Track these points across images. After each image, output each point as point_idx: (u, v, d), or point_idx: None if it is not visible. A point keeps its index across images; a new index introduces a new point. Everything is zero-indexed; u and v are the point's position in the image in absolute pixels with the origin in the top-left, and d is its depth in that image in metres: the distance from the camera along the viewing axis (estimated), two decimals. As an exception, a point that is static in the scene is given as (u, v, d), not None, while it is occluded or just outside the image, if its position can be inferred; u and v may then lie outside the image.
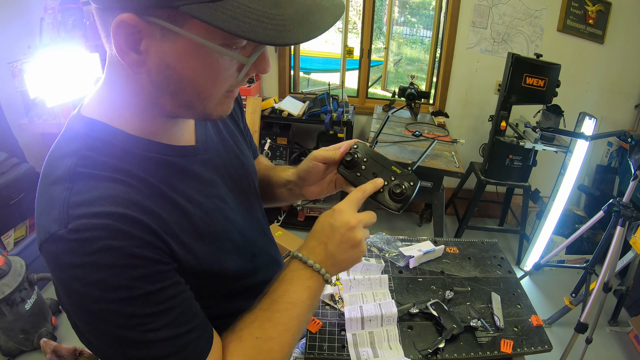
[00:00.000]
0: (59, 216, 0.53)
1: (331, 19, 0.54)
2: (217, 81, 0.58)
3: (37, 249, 0.56)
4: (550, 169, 3.25)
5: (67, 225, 0.52)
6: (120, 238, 0.54)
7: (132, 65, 0.54)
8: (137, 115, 0.63)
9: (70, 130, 0.63)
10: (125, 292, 0.54)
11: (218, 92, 0.60)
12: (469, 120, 3.50)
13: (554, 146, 2.69)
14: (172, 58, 0.54)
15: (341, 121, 2.97)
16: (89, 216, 0.53)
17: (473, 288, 1.39)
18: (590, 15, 3.10)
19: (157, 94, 0.59)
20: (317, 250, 0.72)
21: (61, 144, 0.62)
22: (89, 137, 0.61)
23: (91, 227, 0.53)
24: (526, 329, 1.26)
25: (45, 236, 0.54)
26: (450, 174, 2.45)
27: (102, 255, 0.52)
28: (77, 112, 0.65)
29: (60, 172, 0.58)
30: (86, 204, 0.54)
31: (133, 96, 0.61)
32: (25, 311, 2.12)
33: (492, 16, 3.12)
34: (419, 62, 7.59)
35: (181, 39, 0.52)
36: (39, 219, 0.57)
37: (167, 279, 0.59)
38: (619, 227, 1.99)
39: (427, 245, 1.53)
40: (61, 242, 0.53)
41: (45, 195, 0.58)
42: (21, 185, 2.49)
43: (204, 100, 0.60)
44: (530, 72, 2.54)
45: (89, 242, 0.52)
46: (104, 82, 0.64)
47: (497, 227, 3.54)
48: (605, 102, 3.34)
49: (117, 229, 0.53)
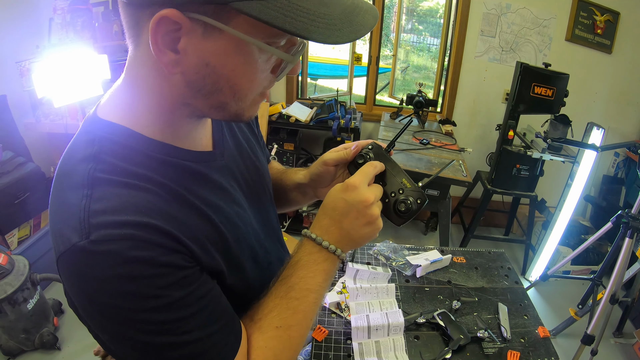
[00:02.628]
0: (79, 226, 0.51)
1: (372, 19, 0.54)
2: (255, 81, 0.57)
3: (40, 249, 0.55)
4: (556, 179, 3.24)
5: (88, 236, 0.50)
6: (146, 248, 0.52)
7: (169, 64, 0.52)
8: (159, 118, 0.61)
9: (87, 132, 0.61)
10: (154, 301, 0.52)
11: (253, 93, 0.59)
12: (476, 129, 3.49)
13: (561, 156, 2.68)
14: (212, 56, 0.52)
15: (349, 128, 2.96)
16: (111, 226, 0.51)
17: (480, 298, 1.38)
18: (599, 25, 3.09)
19: (190, 94, 0.57)
20: (332, 229, 0.69)
21: (78, 147, 0.59)
22: (108, 141, 0.58)
23: (115, 237, 0.50)
24: (533, 340, 1.24)
25: (65, 247, 0.51)
26: (458, 182, 2.43)
27: (128, 268, 0.50)
28: (93, 114, 0.63)
29: (77, 178, 0.55)
30: (108, 212, 0.52)
31: (158, 97, 0.58)
32: (27, 311, 2.12)
33: (501, 25, 3.12)
34: (425, 70, 7.60)
35: (224, 36, 0.50)
36: (55, 226, 0.54)
37: (195, 281, 0.57)
38: (628, 239, 1.97)
39: (434, 255, 1.52)
40: (83, 254, 0.50)
41: (61, 202, 0.55)
42: (26, 185, 2.49)
43: (238, 101, 0.58)
44: (538, 81, 2.53)
45: (113, 255, 0.50)
46: (124, 83, 0.61)
47: (503, 236, 3.52)
48: (613, 113, 3.32)
49: (141, 238, 0.52)
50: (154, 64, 0.55)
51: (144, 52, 0.54)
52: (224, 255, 0.65)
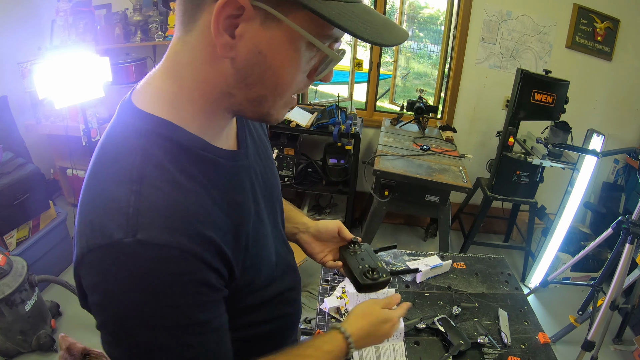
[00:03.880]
0: (125, 223, 0.50)
1: (405, 34, 0.59)
2: (295, 78, 0.59)
3: (39, 250, 0.54)
4: (556, 185, 3.23)
5: (135, 235, 0.49)
6: (189, 261, 0.53)
7: (224, 47, 0.54)
8: (200, 111, 0.61)
9: (129, 123, 0.59)
10: (180, 317, 0.53)
11: (290, 91, 0.61)
12: (476, 135, 3.49)
13: (561, 163, 2.68)
14: (266, 46, 0.54)
15: (349, 133, 2.96)
16: (160, 229, 0.51)
17: (480, 304, 1.38)
18: (599, 32, 3.10)
19: (234, 83, 0.58)
20: (364, 336, 0.83)
21: (121, 138, 0.58)
22: (155, 135, 0.58)
23: (162, 242, 0.51)
24: (533, 346, 1.24)
25: (104, 241, 0.50)
26: (458, 188, 2.43)
27: (169, 278, 0.51)
28: (128, 101, 0.62)
29: (124, 171, 0.54)
30: (158, 214, 0.52)
31: (202, 85, 0.59)
32: (24, 312, 2.11)
33: (502, 32, 3.13)
34: (426, 77, 7.60)
35: (281, 27, 0.53)
36: (90, 217, 0.53)
37: (217, 308, 0.59)
38: (628, 245, 1.97)
39: (435, 260, 1.51)
40: (126, 252, 0.50)
41: (102, 193, 0.54)
42: (25, 186, 2.48)
43: (276, 97, 0.60)
44: (539, 88, 2.54)
45: (157, 260, 0.50)
46: (164, 71, 0.61)
47: (502, 243, 3.51)
48: (612, 120, 3.32)
49: (187, 249, 0.52)
50: (205, 48, 0.56)
51: (197, 36, 0.56)
52: (249, 256, 0.67)
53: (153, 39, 3.25)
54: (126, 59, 3.14)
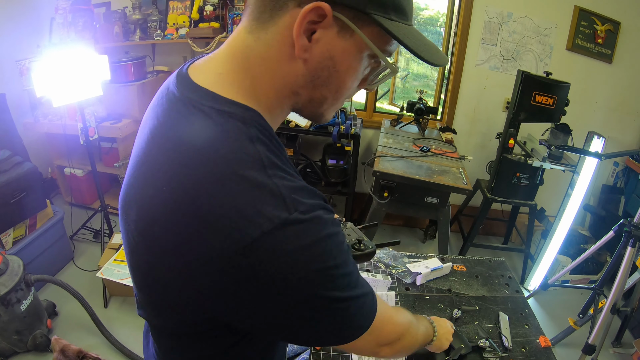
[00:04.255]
0: (283, 202, 0.53)
1: (446, 58, 0.70)
2: (353, 85, 0.66)
3: (36, 249, 0.52)
4: (556, 188, 3.23)
5: (297, 209, 0.54)
6: (329, 212, 0.59)
7: (301, 48, 0.58)
8: (270, 107, 0.64)
9: (226, 112, 0.58)
10: (344, 255, 0.59)
11: (346, 95, 0.67)
12: (476, 137, 3.48)
13: (561, 165, 2.67)
14: (337, 53, 0.60)
15: (349, 134, 2.94)
16: (307, 197, 0.56)
17: (481, 307, 1.36)
18: (599, 34, 3.10)
19: (303, 82, 0.62)
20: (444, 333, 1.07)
21: (232, 126, 0.57)
22: (257, 124, 0.60)
23: (316, 206, 0.56)
24: (534, 350, 1.23)
25: (272, 224, 0.52)
26: (458, 190, 2.42)
27: (331, 227, 0.57)
28: (207, 91, 0.60)
29: (253, 159, 0.55)
30: (299, 191, 0.56)
31: (273, 81, 0.62)
32: (20, 312, 2.09)
33: (502, 33, 3.12)
34: (425, 78, 7.59)
35: (354, 39, 0.59)
36: (235, 209, 0.52)
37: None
38: (630, 248, 1.95)
39: (435, 262, 1.50)
40: (300, 224, 0.53)
41: (241, 184, 0.53)
42: (23, 185, 2.46)
43: (334, 99, 0.66)
44: (539, 90, 2.53)
45: (318, 219, 0.55)
46: (234, 63, 0.62)
47: (502, 245, 3.50)
48: (612, 122, 3.32)
49: (325, 207, 0.59)
50: (283, 47, 0.59)
51: (275, 35, 0.59)
52: None
53: (152, 38, 3.24)
54: (125, 57, 3.12)
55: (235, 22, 3.16)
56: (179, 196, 0.54)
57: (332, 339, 0.64)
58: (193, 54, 3.40)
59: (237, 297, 0.55)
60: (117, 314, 2.51)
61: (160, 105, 0.64)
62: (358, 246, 0.99)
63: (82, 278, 2.77)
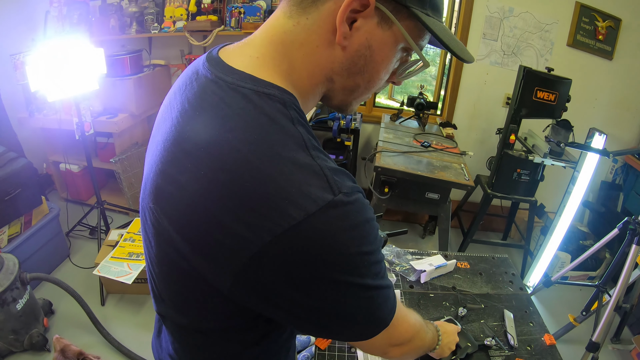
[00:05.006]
0: (327, 184, 0.53)
1: (472, 56, 0.68)
2: (385, 76, 0.67)
3: (31, 247, 0.48)
4: (555, 184, 3.22)
5: (341, 190, 0.53)
6: (364, 195, 0.59)
7: (341, 35, 0.58)
8: (305, 92, 0.64)
9: (264, 94, 0.57)
10: (378, 241, 0.59)
11: (377, 86, 0.68)
12: (476, 132, 3.46)
13: (562, 161, 2.65)
14: (376, 42, 0.61)
15: (349, 129, 2.92)
16: (347, 180, 0.56)
17: (486, 305, 1.35)
18: (600, 31, 3.08)
19: (340, 69, 0.63)
20: (448, 340, 1.06)
21: (272, 107, 0.56)
22: (295, 106, 0.59)
23: (355, 190, 0.56)
24: (539, 348, 1.21)
25: (318, 206, 0.51)
26: (460, 186, 2.40)
27: (370, 211, 0.57)
28: (242, 73, 0.59)
29: (295, 140, 0.55)
30: (340, 173, 0.56)
31: (311, 66, 0.62)
32: (16, 311, 2.06)
33: (503, 29, 3.10)
34: (425, 73, 7.59)
35: (392, 30, 0.60)
36: (285, 192, 0.50)
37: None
38: (635, 246, 1.93)
39: (439, 260, 1.48)
40: (343, 206, 0.53)
41: (286, 165, 0.52)
42: (17, 181, 2.42)
43: (365, 89, 0.67)
44: (541, 85, 2.51)
45: (361, 202, 0.56)
46: (271, 46, 0.61)
47: (501, 241, 3.49)
48: (612, 119, 3.31)
49: (361, 190, 0.59)
50: (324, 33, 0.60)
51: (316, 20, 0.59)
52: None
53: (149, 31, 3.19)
54: (121, 51, 3.08)
55: (233, 15, 3.12)
56: (219, 178, 0.52)
57: (353, 331, 0.63)
58: (190, 48, 3.36)
59: (273, 282, 0.53)
60: (115, 311, 2.49)
61: (190, 89, 0.62)
62: None
63: (78, 275, 2.74)
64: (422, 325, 0.88)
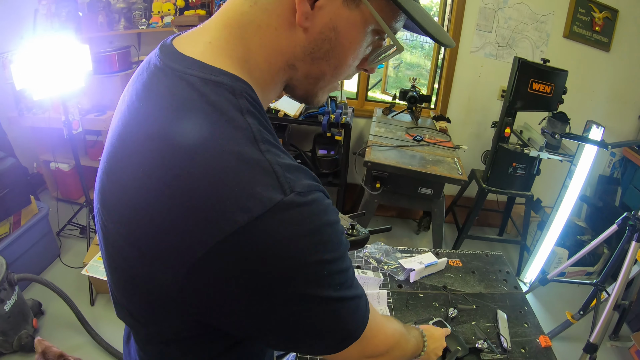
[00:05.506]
0: (277, 182, 0.47)
1: (452, 41, 0.63)
2: (354, 62, 0.61)
3: (19, 248, 0.44)
4: (552, 178, 3.18)
5: (293, 189, 0.47)
6: (327, 197, 0.53)
7: (302, 15, 0.53)
8: (263, 81, 0.58)
9: (212, 81, 0.51)
10: (343, 248, 0.54)
11: (344, 74, 0.62)
12: (471, 126, 3.42)
13: (559, 155, 2.61)
14: (342, 23, 0.56)
15: (339, 123, 2.87)
16: (304, 177, 0.50)
17: (478, 305, 1.31)
18: (597, 22, 3.03)
19: (302, 54, 0.57)
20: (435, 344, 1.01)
21: (220, 96, 0.50)
22: (248, 95, 0.53)
23: (314, 188, 0.50)
24: (534, 350, 1.17)
25: (265, 207, 0.45)
26: (453, 181, 2.36)
27: (331, 215, 0.51)
28: (192, 60, 0.54)
29: (243, 132, 0.49)
30: (295, 170, 0.50)
31: (269, 52, 0.56)
32: (4, 312, 2.03)
33: (498, 20, 3.05)
34: (418, 67, 7.54)
35: (359, 10, 0.55)
36: (223, 191, 0.45)
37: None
38: (634, 242, 1.88)
39: (429, 258, 1.44)
40: (299, 207, 0.47)
41: (228, 158, 0.46)
42: (5, 180, 2.38)
43: (332, 77, 0.61)
44: (536, 77, 2.47)
45: (318, 203, 0.50)
46: (227, 33, 0.56)
47: (497, 237, 3.46)
48: (609, 111, 3.27)
49: (322, 189, 0.53)
50: (282, 13, 0.55)
51: (274, 0, 0.54)
52: None
53: (137, 27, 3.14)
54: (109, 47, 3.03)
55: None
56: (159, 177, 0.47)
57: (318, 346, 0.57)
58: (180, 44, 3.30)
59: (221, 293, 0.48)
60: (104, 311, 2.45)
61: (139, 80, 0.58)
62: (351, 232, 0.93)
63: (69, 275, 2.70)
64: (403, 334, 0.82)
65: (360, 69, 0.65)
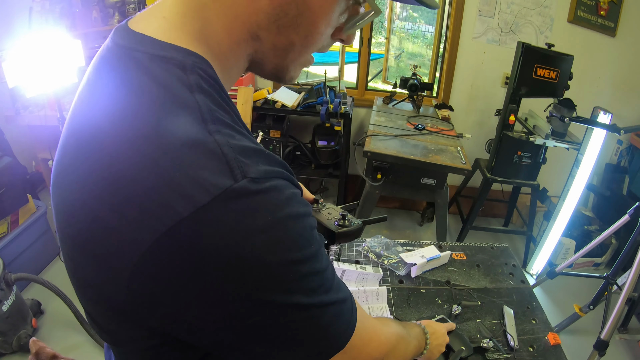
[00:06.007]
0: (227, 166, 0.40)
1: (437, 3, 0.57)
2: (326, 31, 0.55)
3: (17, 247, 0.38)
4: (558, 167, 3.12)
5: (245, 175, 0.41)
6: (294, 185, 0.48)
7: None
8: (223, 56, 0.52)
9: (159, 57, 0.46)
10: (313, 247, 0.47)
11: (316, 45, 0.56)
12: (474, 114, 3.35)
13: (565, 142, 2.54)
14: None
15: (338, 113, 2.81)
16: (264, 162, 0.44)
17: (483, 301, 1.25)
18: (602, 6, 2.95)
19: (266, 23, 0.51)
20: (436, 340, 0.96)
21: (166, 72, 0.45)
22: (201, 70, 0.47)
23: (273, 174, 0.44)
24: (542, 348, 1.12)
25: (211, 196, 0.39)
26: (456, 170, 2.30)
27: (295, 206, 0.44)
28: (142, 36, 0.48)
29: (190, 111, 0.43)
30: (251, 153, 0.43)
31: (231, 21, 0.50)
32: (2, 313, 2.01)
33: (500, 5, 2.97)
34: (420, 57, 7.47)
35: None
36: (164, 178, 0.39)
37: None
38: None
39: (431, 251, 1.39)
40: (253, 195, 0.41)
41: (170, 141, 0.40)
42: (2, 180, 2.36)
43: (302, 48, 0.55)
44: (541, 62, 2.40)
45: (278, 191, 0.43)
46: (181, 5, 0.50)
47: (502, 227, 3.40)
48: (615, 98, 3.20)
49: (286, 177, 0.46)
50: None
51: None
52: None
53: (131, 21, 3.10)
54: (103, 42, 2.99)
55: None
56: (97, 167, 0.42)
57: (298, 358, 0.50)
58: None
59: (168, 299, 0.41)
60: (104, 311, 2.43)
61: (92, 65, 0.52)
62: (342, 222, 0.88)
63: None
64: (401, 336, 0.74)
65: (336, 39, 0.59)
